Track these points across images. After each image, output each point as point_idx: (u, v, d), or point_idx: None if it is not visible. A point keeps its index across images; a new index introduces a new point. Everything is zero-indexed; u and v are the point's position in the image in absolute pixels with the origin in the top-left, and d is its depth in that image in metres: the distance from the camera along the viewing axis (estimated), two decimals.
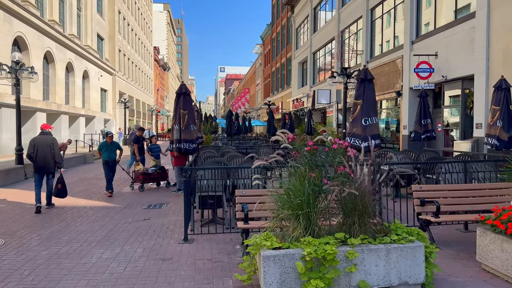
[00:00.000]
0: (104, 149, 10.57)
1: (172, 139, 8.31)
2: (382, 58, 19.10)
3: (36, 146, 8.49)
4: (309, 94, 31.61)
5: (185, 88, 8.25)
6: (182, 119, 7.96)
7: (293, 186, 4.12)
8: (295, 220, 4.03)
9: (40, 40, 24.04)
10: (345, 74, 14.44)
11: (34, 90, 23.23)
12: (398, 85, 17.33)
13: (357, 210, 3.99)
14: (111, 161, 10.56)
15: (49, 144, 8.59)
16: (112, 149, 10.60)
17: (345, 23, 24.45)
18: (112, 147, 10.64)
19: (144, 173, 11.45)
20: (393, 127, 19.13)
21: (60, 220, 7.71)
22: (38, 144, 8.53)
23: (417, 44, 16.24)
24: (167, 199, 10.06)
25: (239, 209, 5.43)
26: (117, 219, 7.78)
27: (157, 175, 11.68)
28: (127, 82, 48.38)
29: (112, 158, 10.59)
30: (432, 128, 10.50)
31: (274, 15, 49.72)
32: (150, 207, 9.00)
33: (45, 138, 8.68)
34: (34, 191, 8.62)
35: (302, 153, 4.23)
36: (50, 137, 8.84)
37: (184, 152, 8.23)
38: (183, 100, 8.07)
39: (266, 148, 13.19)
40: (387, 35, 19.55)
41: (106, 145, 10.64)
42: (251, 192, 5.63)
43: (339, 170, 4.26)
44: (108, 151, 10.54)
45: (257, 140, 28.74)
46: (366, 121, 6.01)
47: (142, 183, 11.39)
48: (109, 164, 10.53)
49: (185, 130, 7.95)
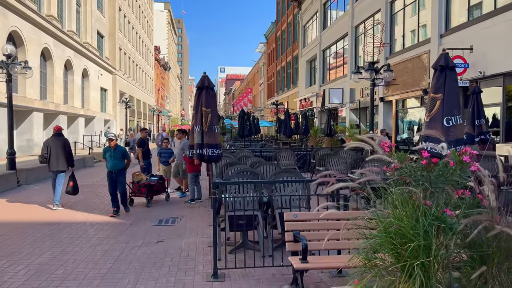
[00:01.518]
0: (107, 156, 8.55)
1: (192, 143, 6.75)
2: (404, 54, 17.72)
3: (49, 147, 9.06)
4: (318, 93, 30.28)
5: (208, 81, 6.64)
6: (204, 119, 6.33)
7: (397, 219, 2.75)
8: (404, 274, 2.65)
9: (37, 36, 22.65)
10: (373, 69, 13.05)
11: (31, 88, 21.84)
12: (424, 83, 15.97)
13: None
14: (115, 171, 8.44)
15: (62, 145, 9.13)
16: (117, 156, 8.45)
17: (360, 18, 23.09)
18: (116, 153, 8.48)
19: (148, 184, 9.31)
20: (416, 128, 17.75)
21: (54, 243, 6.32)
22: (51, 145, 9.10)
23: (446, 38, 14.88)
24: (178, 212, 8.69)
25: (290, 239, 4.06)
26: (123, 241, 6.39)
27: (160, 186, 9.73)
28: (128, 81, 46.98)
29: (117, 167, 8.42)
30: (486, 130, 9.17)
31: (279, 13, 48.34)
32: (161, 223, 7.62)
33: (58, 139, 9.22)
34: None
35: (409, 168, 2.84)
36: (62, 138, 9.38)
37: (206, 159, 6.61)
38: (206, 96, 6.46)
39: (286, 152, 11.80)
40: (410, 29, 18.19)
41: (109, 151, 8.54)
42: (306, 215, 4.25)
43: (457, 194, 2.88)
44: (112, 159, 8.44)
45: (265, 142, 27.37)
46: (449, 121, 4.65)
47: (147, 196, 9.30)
48: (113, 175, 8.46)
49: (208, 133, 6.35)
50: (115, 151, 8.48)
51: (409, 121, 18.48)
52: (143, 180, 9.46)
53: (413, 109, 18.00)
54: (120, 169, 8.50)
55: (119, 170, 8.46)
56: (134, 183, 9.46)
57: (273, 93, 51.52)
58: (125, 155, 8.61)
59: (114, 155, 8.45)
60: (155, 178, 9.67)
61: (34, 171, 13.52)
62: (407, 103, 18.40)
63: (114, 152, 8.47)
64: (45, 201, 10.03)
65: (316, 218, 4.09)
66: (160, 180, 9.76)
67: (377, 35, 18.28)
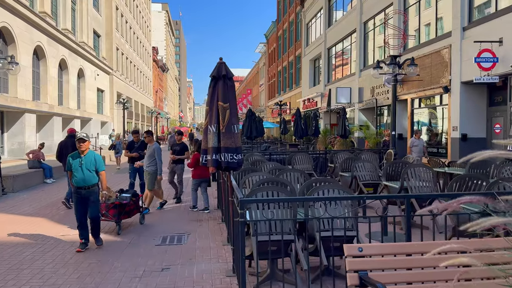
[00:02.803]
0: (75, 166, 6.04)
1: (206, 147, 5.14)
2: (420, 50, 16.58)
3: (63, 149, 9.76)
4: (323, 93, 29.15)
5: (225, 68, 5.05)
6: (221, 116, 4.89)
7: None
8: None
9: (29, 33, 21.41)
10: (395, 63, 11.89)
11: (22, 88, 20.59)
12: (444, 80, 14.84)
13: None
14: (86, 188, 6.01)
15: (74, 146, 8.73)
16: (88, 166, 6.04)
17: (370, 13, 21.97)
18: (87, 162, 6.04)
19: (119, 204, 6.89)
20: (435, 129, 16.62)
21: (34, 272, 5.10)
22: (64, 146, 9.83)
23: (470, 31, 13.75)
24: (185, 225, 7.49)
25: (354, 283, 2.87)
26: (120, 269, 5.17)
27: (133, 206, 7.35)
28: (125, 82, 45.73)
29: (89, 182, 6.02)
30: None
31: (280, 11, 47.22)
32: (166, 242, 6.41)
33: (71, 141, 9.41)
34: None
35: None
36: None
37: (224, 167, 5.05)
38: (223, 87, 4.93)
39: (301, 155, 10.61)
40: (426, 22, 17.08)
41: (78, 158, 6.07)
42: (378, 249, 3.05)
43: None
44: (81, 170, 5.99)
45: (269, 144, 26.20)
46: None
47: (118, 221, 6.91)
48: (83, 193, 6.01)
49: (226, 134, 4.89)
50: (86, 159, 6.04)
51: (426, 121, 17.34)
52: (111, 198, 6.91)
53: (432, 108, 16.85)
54: (93, 185, 6.08)
55: (91, 187, 6.05)
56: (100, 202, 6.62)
57: (274, 94, 50.37)
58: (98, 166, 6.13)
59: (85, 164, 6.00)
60: (126, 195, 7.21)
61: (22, 177, 12.29)
62: (424, 102, 17.26)
63: (85, 159, 6.02)
64: (31, 213, 8.82)
65: (396, 252, 2.90)
66: (133, 197, 7.36)
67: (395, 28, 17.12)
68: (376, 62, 13.01)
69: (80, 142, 6.01)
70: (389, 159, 10.94)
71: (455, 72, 14.25)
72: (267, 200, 3.67)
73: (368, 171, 8.35)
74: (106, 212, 6.81)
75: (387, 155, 11.31)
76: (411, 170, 6.29)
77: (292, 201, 4.12)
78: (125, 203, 7.03)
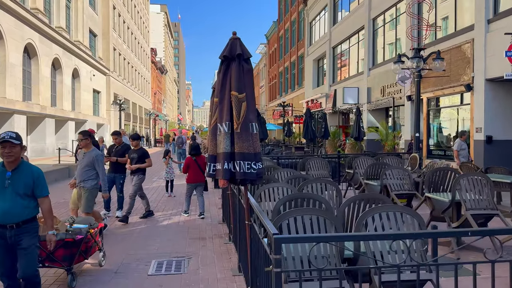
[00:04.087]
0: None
1: (215, 152, 3.65)
2: (437, 45, 15.39)
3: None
4: (328, 94, 27.96)
5: (240, 47, 3.56)
6: (236, 110, 3.44)
7: None
8: None
9: (19, 29, 20.20)
10: (420, 57, 10.69)
11: (11, 88, 19.38)
12: (466, 77, 13.65)
13: None
14: (14, 226, 3.48)
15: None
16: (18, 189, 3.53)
17: (379, 9, 20.82)
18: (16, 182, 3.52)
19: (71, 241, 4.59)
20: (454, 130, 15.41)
21: None
22: None
23: (496, 24, 12.57)
24: (184, 246, 6.25)
25: None
26: None
27: (91, 243, 4.94)
28: (123, 83, 44.50)
29: (15, 218, 3.50)
30: None
31: (282, 11, 46.09)
32: (161, 270, 5.16)
33: None
34: None
35: None
36: None
37: (240, 182, 3.61)
38: (238, 72, 3.48)
39: (316, 160, 9.38)
40: (443, 16, 15.91)
41: (2, 173, 3.54)
42: None
43: None
44: (7, 196, 3.48)
45: (272, 147, 24.96)
46: None
47: (69, 267, 4.55)
48: (6, 236, 3.49)
49: (242, 135, 3.44)
50: (18, 176, 3.54)
51: (445, 122, 16.12)
52: (59, 232, 4.48)
53: (451, 108, 15.64)
54: (26, 221, 3.56)
55: (23, 223, 3.53)
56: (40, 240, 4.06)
57: (276, 96, 49.21)
58: (39, 188, 3.61)
59: (15, 185, 3.51)
60: (81, 226, 4.88)
61: None
62: (442, 101, 16.05)
63: (16, 177, 3.52)
64: None
65: None
66: (91, 228, 4.98)
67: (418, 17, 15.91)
68: (397, 56, 11.80)
69: (4, 147, 3.42)
70: (414, 164, 9.73)
71: (478, 68, 13.06)
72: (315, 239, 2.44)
73: (399, 179, 7.12)
74: (51, 255, 4.39)
75: (411, 160, 10.11)
76: (465, 179, 5.07)
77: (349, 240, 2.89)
78: (80, 239, 4.62)
